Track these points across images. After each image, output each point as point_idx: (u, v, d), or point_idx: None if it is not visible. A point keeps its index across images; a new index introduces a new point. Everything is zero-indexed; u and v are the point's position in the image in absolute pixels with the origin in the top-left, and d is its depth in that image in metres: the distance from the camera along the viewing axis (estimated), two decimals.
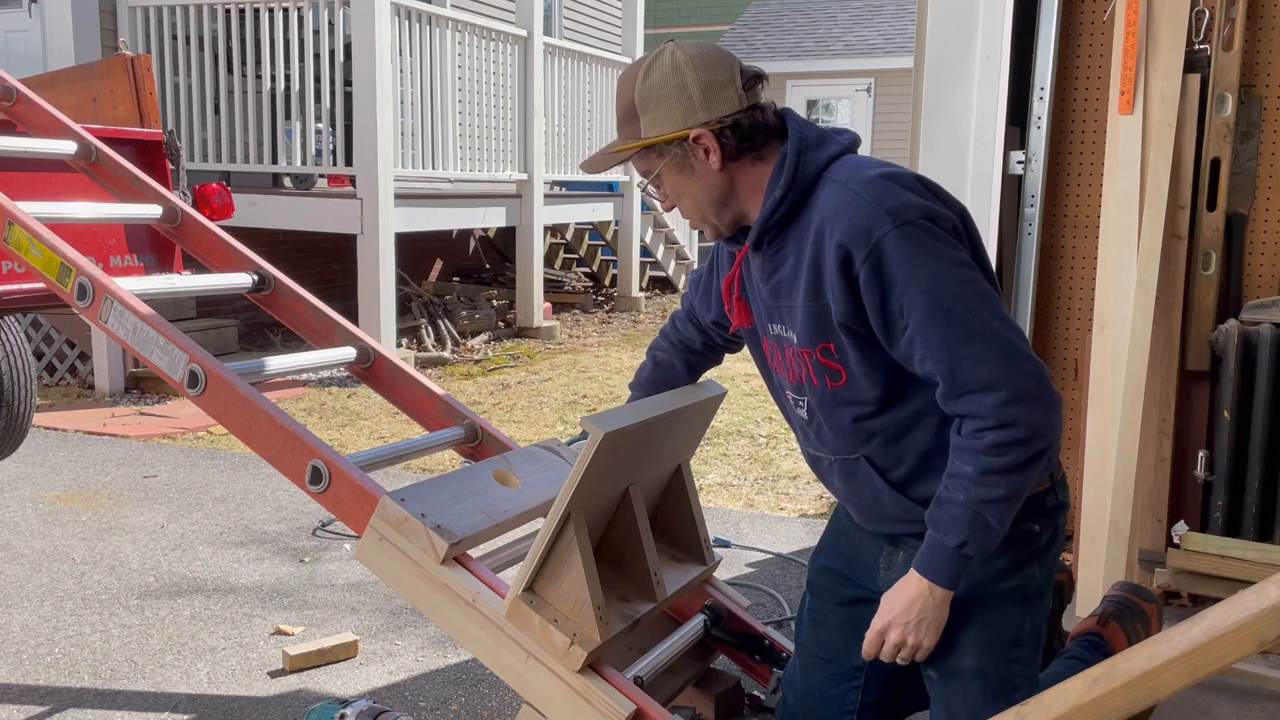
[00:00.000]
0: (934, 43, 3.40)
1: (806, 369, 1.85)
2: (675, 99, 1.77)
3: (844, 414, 1.85)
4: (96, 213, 3.08)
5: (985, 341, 1.66)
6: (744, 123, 1.78)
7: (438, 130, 7.77)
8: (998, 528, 1.69)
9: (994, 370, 1.65)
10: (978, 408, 1.67)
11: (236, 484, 4.73)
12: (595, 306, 11.23)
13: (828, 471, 1.98)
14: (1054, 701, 1.39)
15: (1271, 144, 3.24)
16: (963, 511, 1.68)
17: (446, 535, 2.10)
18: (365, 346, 2.85)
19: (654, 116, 1.79)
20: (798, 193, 1.78)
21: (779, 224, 1.80)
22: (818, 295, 1.77)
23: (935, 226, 1.70)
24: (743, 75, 1.79)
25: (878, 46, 16.94)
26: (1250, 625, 1.23)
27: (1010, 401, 1.64)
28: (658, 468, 2.34)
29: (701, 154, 1.80)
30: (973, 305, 1.67)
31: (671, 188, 1.86)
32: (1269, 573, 1.64)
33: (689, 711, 2.52)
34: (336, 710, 2.43)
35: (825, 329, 1.79)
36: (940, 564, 1.72)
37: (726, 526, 4.18)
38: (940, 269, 1.67)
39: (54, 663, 2.97)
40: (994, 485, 1.66)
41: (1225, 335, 3.13)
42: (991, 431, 1.66)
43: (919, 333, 1.68)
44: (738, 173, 1.82)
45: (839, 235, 1.70)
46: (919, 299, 1.66)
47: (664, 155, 1.81)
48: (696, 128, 1.77)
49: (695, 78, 1.76)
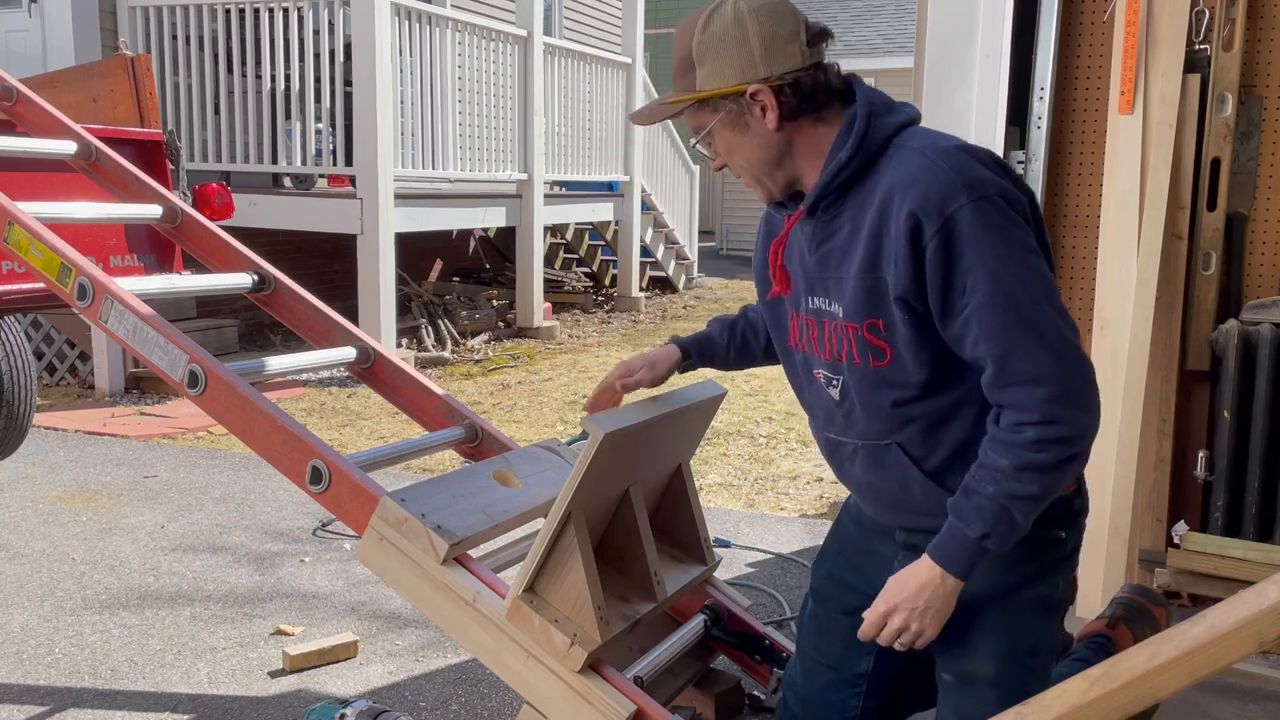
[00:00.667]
0: (934, 43, 3.40)
1: (849, 345, 1.76)
2: (734, 52, 1.68)
3: (884, 396, 1.76)
4: (96, 213, 3.08)
5: (1042, 333, 1.60)
6: (805, 81, 1.68)
7: (438, 130, 7.77)
8: (1022, 525, 1.65)
9: (1046, 364, 1.60)
10: (1024, 400, 1.61)
11: (236, 484, 4.73)
12: (595, 306, 11.23)
13: (849, 457, 1.88)
14: (1054, 701, 1.39)
15: (1271, 144, 3.24)
16: (990, 504, 1.63)
17: (447, 535, 2.10)
18: (365, 346, 2.85)
19: (710, 69, 1.70)
20: (865, 156, 1.69)
21: (840, 188, 1.71)
22: (874, 267, 1.69)
23: (1009, 207, 1.64)
24: (808, 31, 1.69)
25: (878, 46, 16.95)
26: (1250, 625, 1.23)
27: (1057, 398, 1.59)
28: (658, 468, 2.34)
29: (758, 111, 1.71)
30: (1036, 294, 1.62)
31: (724, 145, 1.77)
32: (1269, 573, 1.64)
33: (689, 711, 2.52)
34: (336, 710, 2.43)
35: (876, 304, 1.71)
36: (957, 553, 1.67)
37: (726, 526, 4.18)
38: (1009, 253, 1.61)
39: (54, 663, 2.97)
40: (1028, 482, 1.61)
41: (1225, 335, 3.13)
42: (1034, 427, 1.60)
43: (977, 314, 1.61)
44: (795, 133, 1.73)
45: (911, 204, 1.62)
46: (984, 280, 1.60)
47: (718, 110, 1.73)
48: (755, 83, 1.68)
49: (757, 30, 1.67)
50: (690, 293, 12.66)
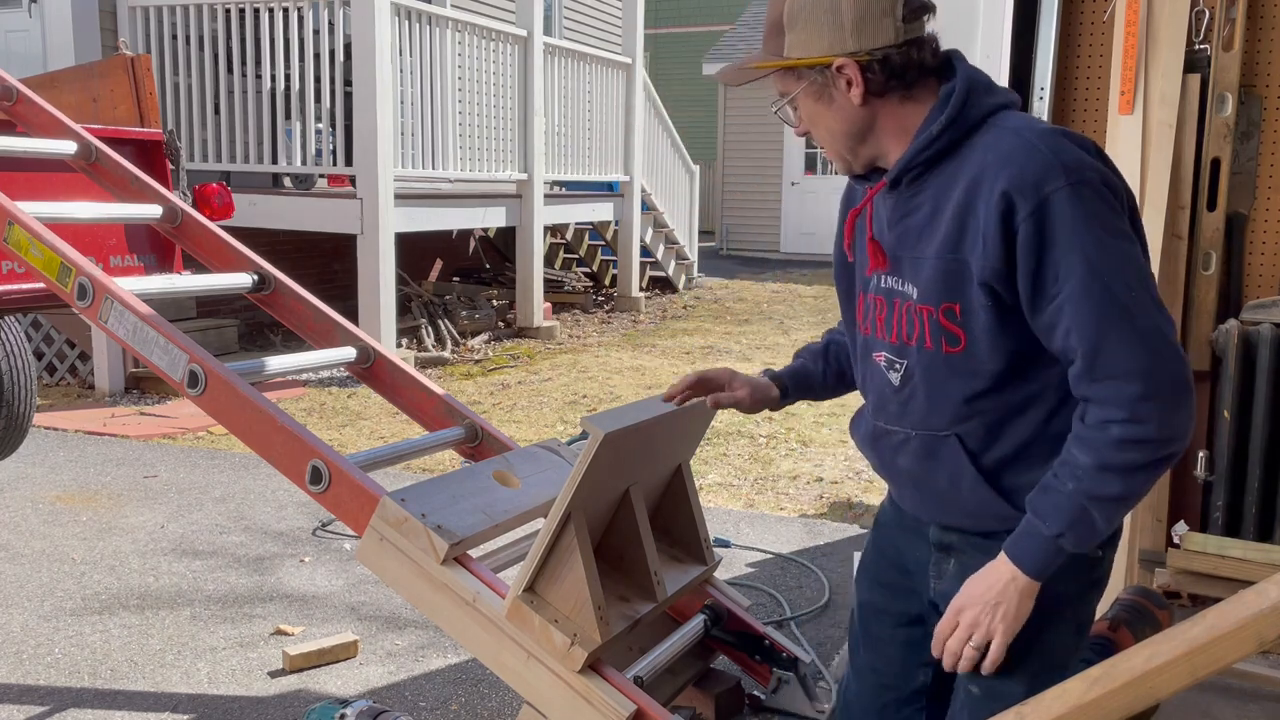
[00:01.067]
0: None
1: (921, 328, 1.68)
2: (825, 21, 1.62)
3: (952, 385, 1.68)
4: (96, 213, 3.08)
5: (1137, 327, 1.52)
6: (895, 58, 1.62)
7: (438, 130, 7.77)
8: (1101, 528, 1.57)
9: (1141, 360, 1.51)
10: (1113, 396, 1.53)
11: (236, 484, 4.73)
12: (595, 306, 11.23)
13: (897, 448, 1.78)
14: (1054, 701, 1.38)
15: (1271, 144, 3.24)
16: (1068, 502, 1.55)
17: (447, 535, 2.10)
18: (365, 346, 2.85)
19: (799, 36, 1.65)
20: (957, 132, 1.62)
21: (927, 163, 1.64)
22: (956, 249, 1.61)
23: (1109, 193, 1.56)
24: (906, 5, 1.62)
25: None
26: (1250, 625, 1.23)
27: (1149, 396, 1.51)
28: (658, 468, 2.34)
29: (843, 85, 1.64)
30: (1133, 284, 1.53)
31: (807, 114, 1.72)
32: (1269, 573, 1.64)
33: (689, 711, 2.53)
34: (336, 710, 2.43)
35: (955, 287, 1.62)
36: (1032, 551, 1.59)
37: (726, 526, 4.18)
38: (1106, 239, 1.53)
39: (54, 663, 2.97)
40: (1109, 482, 1.53)
41: (1225, 335, 3.13)
42: (1120, 425, 1.52)
43: (1070, 302, 1.53)
44: (881, 109, 1.66)
45: (1005, 183, 1.55)
46: (1078, 266, 1.52)
47: (802, 79, 1.67)
48: (841, 56, 1.62)
49: (850, 2, 1.61)
50: (690, 293, 12.66)
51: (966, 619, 1.64)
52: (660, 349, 8.84)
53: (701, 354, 8.60)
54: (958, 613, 1.65)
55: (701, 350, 8.78)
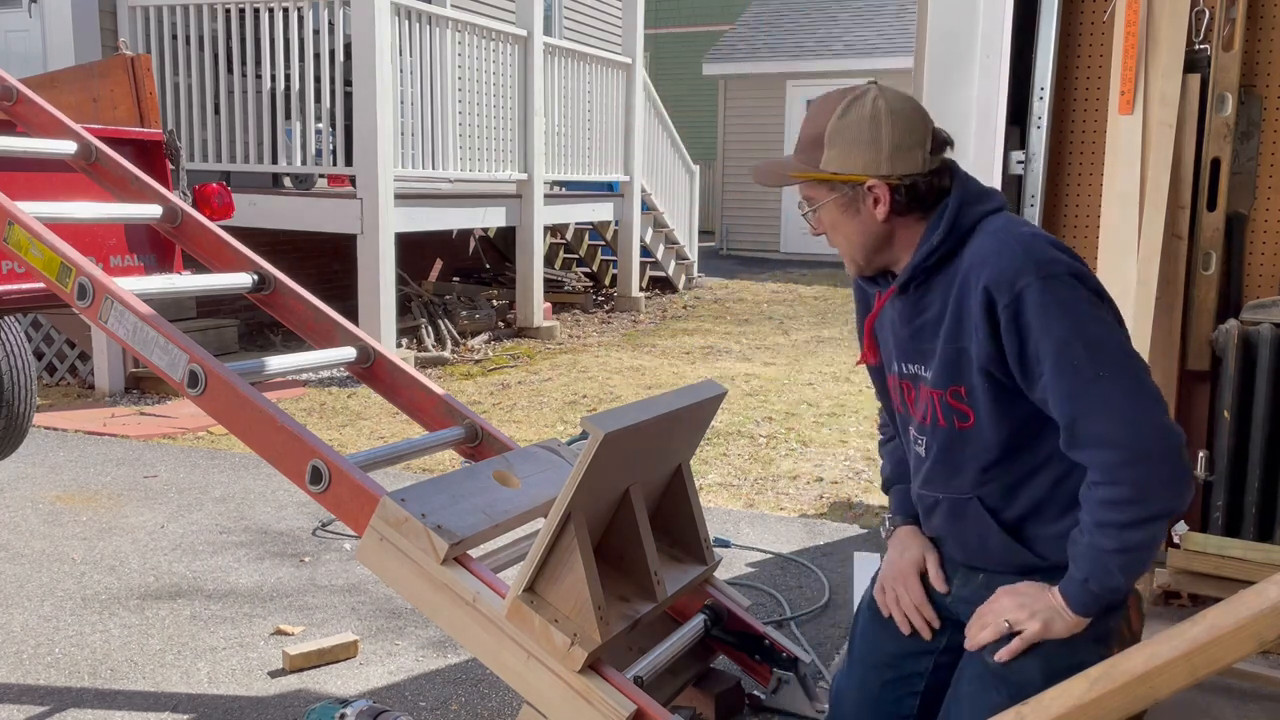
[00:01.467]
0: (934, 42, 3.39)
1: (934, 409, 1.90)
2: (864, 145, 1.82)
3: (967, 456, 1.89)
4: (96, 213, 3.08)
5: (1109, 404, 1.70)
6: (921, 186, 1.83)
7: (438, 130, 7.77)
8: (1118, 574, 1.73)
9: (1113, 428, 1.69)
10: (1092, 461, 1.72)
11: (236, 484, 4.73)
12: (595, 306, 11.23)
13: (931, 509, 2.00)
14: (1054, 701, 1.39)
15: (1271, 144, 3.24)
16: (1084, 552, 1.74)
17: (447, 535, 2.10)
18: (365, 346, 2.85)
19: (838, 153, 1.84)
20: (952, 242, 1.83)
21: (928, 270, 1.86)
22: (957, 338, 1.82)
23: (1078, 283, 1.75)
24: (933, 139, 1.85)
25: (878, 46, 16.94)
26: (1250, 625, 1.23)
27: (1125, 462, 1.69)
28: (658, 468, 2.34)
29: (871, 202, 1.85)
30: (1104, 361, 1.71)
31: (829, 222, 1.91)
32: (1269, 573, 1.64)
33: (689, 711, 2.53)
34: (336, 710, 2.43)
35: (959, 372, 1.84)
36: (1070, 591, 1.77)
37: (726, 526, 4.18)
38: (1075, 329, 1.72)
39: (54, 663, 2.97)
40: (1108, 537, 1.71)
41: (1225, 335, 3.13)
42: (1102, 487, 1.71)
43: (1050, 381, 1.73)
44: (900, 226, 1.87)
45: (985, 280, 1.76)
46: (1050, 349, 1.71)
47: (834, 191, 1.86)
48: (875, 178, 1.82)
49: (889, 133, 1.81)
50: (690, 293, 12.66)
51: (1007, 603, 1.82)
52: (660, 349, 8.84)
53: (701, 354, 8.60)
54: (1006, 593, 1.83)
55: (701, 350, 8.78)
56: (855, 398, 6.86)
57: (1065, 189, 3.44)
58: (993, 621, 1.83)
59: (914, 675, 2.05)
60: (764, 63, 17.24)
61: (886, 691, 2.06)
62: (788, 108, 16.99)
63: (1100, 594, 1.75)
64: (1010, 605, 1.81)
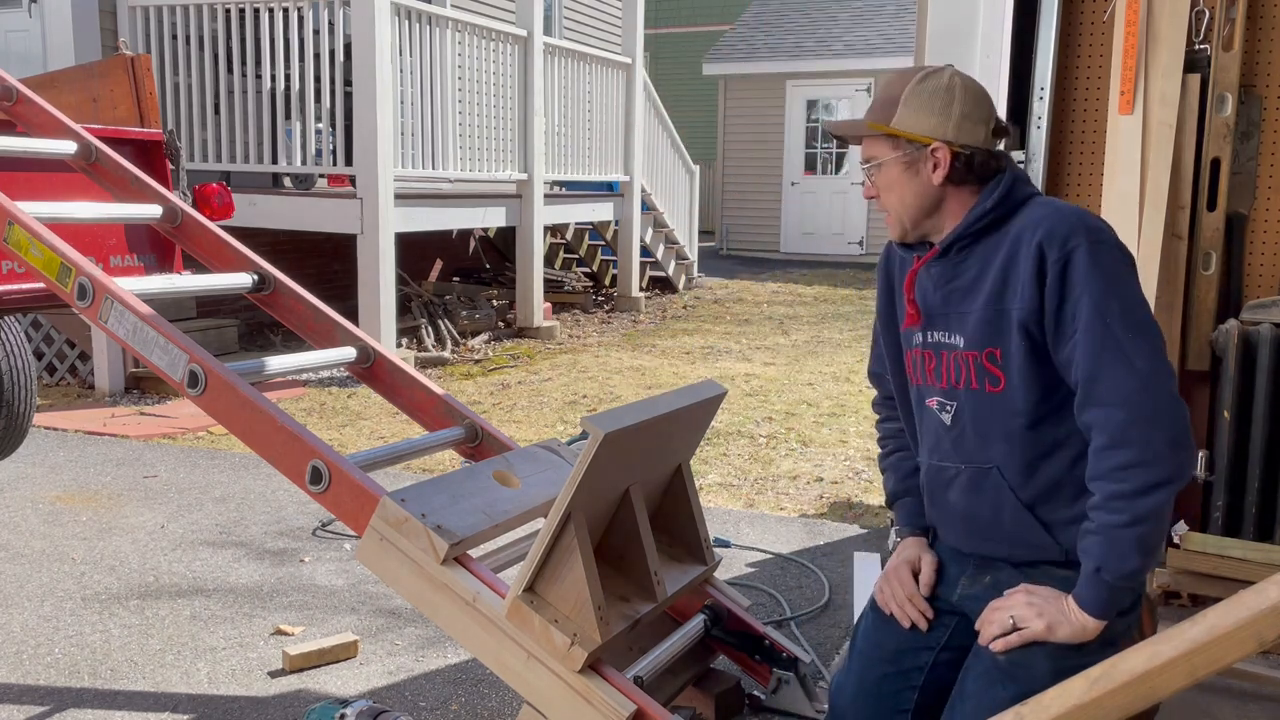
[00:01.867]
0: (934, 43, 3.39)
1: (967, 372, 1.96)
2: (937, 110, 1.92)
3: (994, 422, 1.94)
4: (96, 213, 3.08)
5: (1133, 365, 1.77)
6: (979, 158, 1.94)
7: (438, 130, 7.77)
8: (1132, 553, 1.76)
9: (1129, 388, 1.76)
10: (1104, 421, 1.77)
11: (236, 484, 4.73)
12: (595, 306, 11.23)
13: (949, 482, 2.03)
14: (1054, 701, 1.38)
15: (1271, 144, 3.24)
16: (1095, 537, 1.78)
17: (447, 535, 2.11)
18: (365, 346, 2.85)
19: (910, 112, 1.93)
20: (1003, 210, 1.93)
21: (976, 234, 1.94)
22: (999, 300, 1.90)
23: (1122, 254, 1.86)
24: (996, 122, 1.97)
25: (878, 46, 16.94)
26: (1250, 625, 1.23)
27: (1134, 422, 1.74)
28: (658, 467, 2.34)
29: (931, 165, 1.94)
30: (1133, 331, 1.78)
31: (886, 181, 1.98)
32: (1269, 573, 1.64)
33: (689, 711, 2.53)
34: (336, 710, 2.43)
35: (997, 334, 1.90)
36: (1083, 592, 1.80)
37: (726, 526, 4.18)
38: (1114, 289, 1.80)
39: (54, 663, 2.97)
40: (1119, 511, 1.75)
41: (1225, 335, 3.13)
42: (1110, 452, 1.76)
43: (1080, 339, 1.80)
44: (951, 194, 1.96)
45: (1040, 237, 1.85)
46: (1087, 308, 1.79)
47: (899, 149, 1.95)
48: (940, 141, 1.92)
49: (961, 102, 1.93)
50: (690, 293, 12.66)
51: (1020, 599, 1.86)
52: (660, 349, 8.84)
53: (702, 354, 8.60)
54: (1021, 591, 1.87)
55: (701, 350, 8.79)
56: (855, 398, 6.86)
57: (1065, 189, 3.44)
58: (999, 617, 1.86)
59: (913, 670, 2.07)
60: (764, 63, 17.24)
61: (885, 685, 2.08)
62: (788, 108, 16.99)
63: (1113, 584, 1.77)
64: (1021, 602, 1.85)
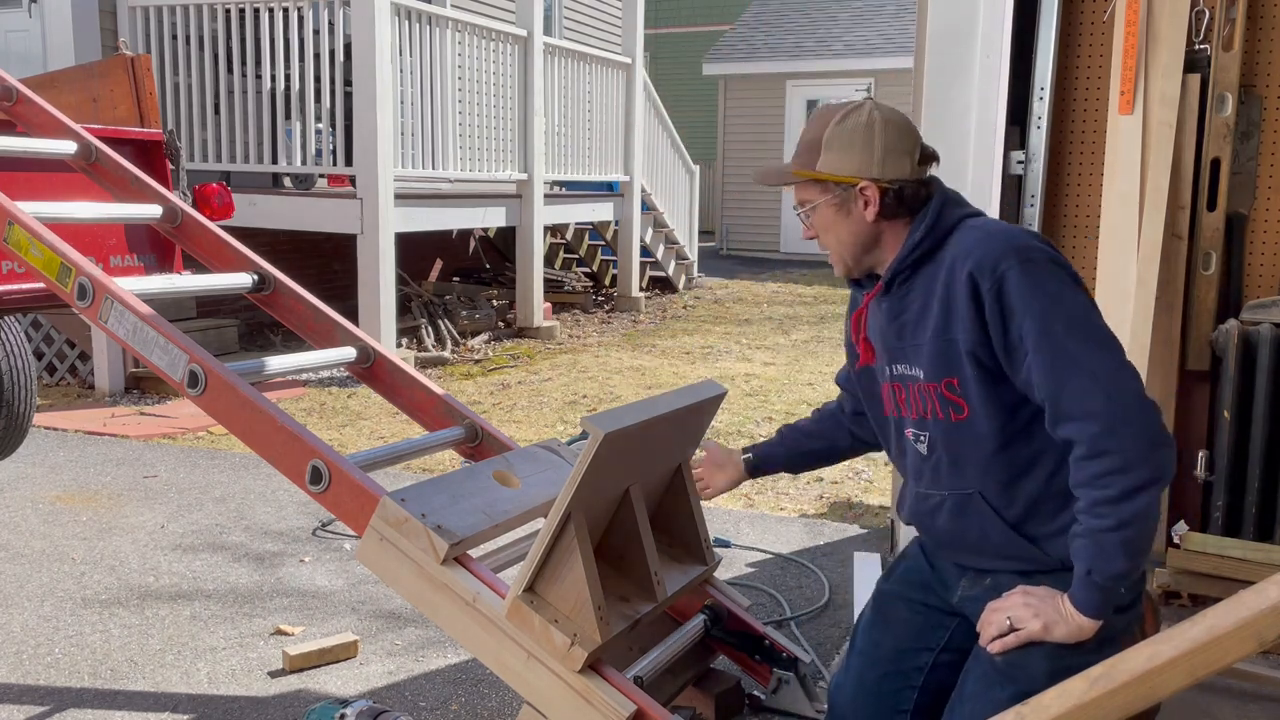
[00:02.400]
0: (934, 42, 3.40)
1: (932, 403, 1.96)
2: (859, 149, 1.93)
3: (966, 449, 1.94)
4: (96, 213, 3.08)
5: (1090, 373, 1.76)
6: (908, 191, 1.94)
7: (438, 130, 7.77)
8: (1119, 556, 1.75)
9: (1094, 400, 1.75)
10: (1077, 434, 1.76)
11: (236, 484, 4.73)
12: (595, 306, 11.23)
13: (935, 509, 2.03)
14: (1054, 702, 1.38)
15: (1271, 144, 3.24)
16: (1083, 541, 1.77)
17: (447, 535, 2.10)
18: (365, 346, 2.85)
19: (834, 156, 1.95)
20: (935, 238, 1.93)
21: (913, 265, 1.95)
22: (946, 330, 1.89)
23: (1057, 267, 1.84)
24: (921, 151, 1.97)
25: (878, 46, 16.94)
26: (1250, 625, 1.22)
27: (1107, 431, 1.73)
28: (658, 467, 2.34)
29: (861, 203, 1.95)
30: (1082, 337, 1.78)
31: (822, 223, 2.01)
32: (1269, 573, 1.64)
33: (689, 711, 2.52)
34: (336, 710, 2.43)
35: (950, 363, 1.90)
36: (1076, 593, 1.80)
37: (726, 526, 4.18)
38: (1055, 306, 1.79)
39: (54, 663, 2.97)
40: (1103, 516, 1.74)
41: (1225, 335, 3.13)
42: (1089, 463, 1.75)
43: (1032, 360, 1.80)
44: (886, 228, 1.97)
45: (969, 266, 1.85)
46: (1033, 329, 1.79)
47: (828, 192, 1.97)
48: (867, 180, 1.93)
49: (882, 138, 1.93)
50: (690, 293, 12.66)
51: (1018, 600, 1.86)
52: (660, 349, 8.84)
53: (702, 354, 8.60)
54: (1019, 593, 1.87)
55: (701, 350, 8.78)
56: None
57: (1065, 189, 3.44)
58: (997, 619, 1.86)
59: (913, 670, 2.08)
60: (764, 63, 17.24)
61: (884, 685, 2.09)
62: (788, 108, 16.99)
63: (1104, 585, 1.77)
64: (1018, 603, 1.85)
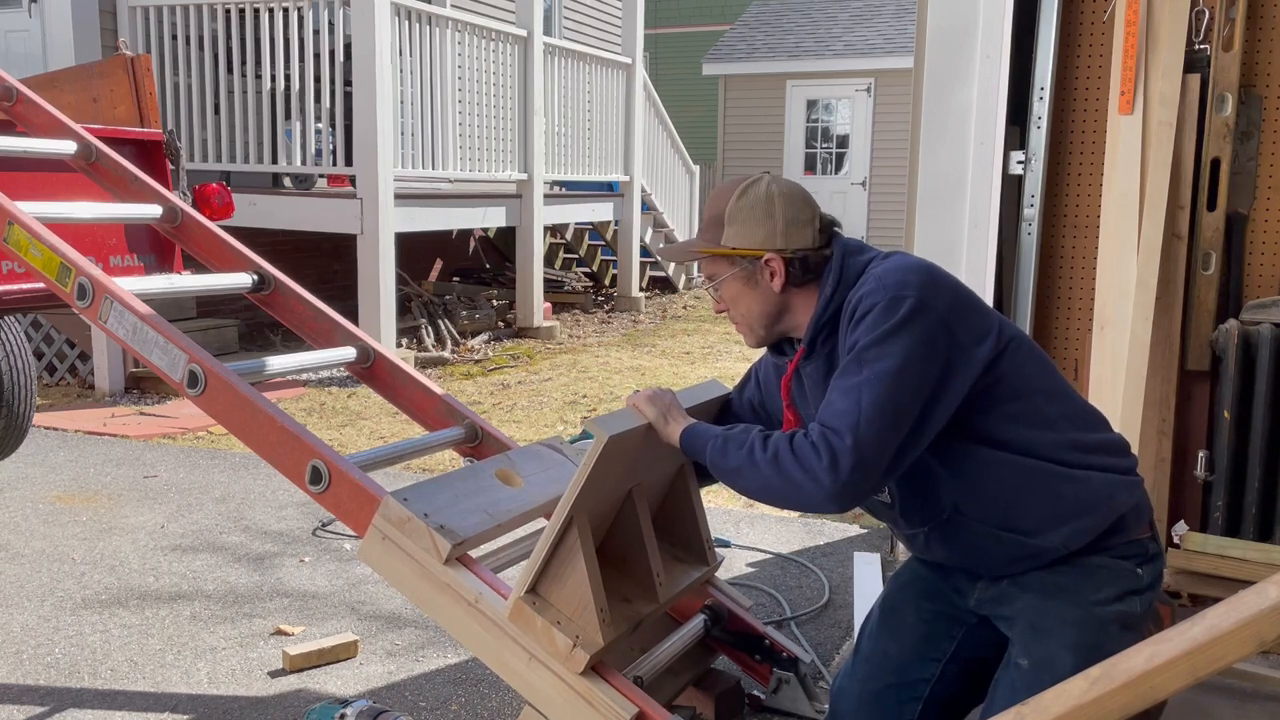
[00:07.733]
0: (934, 43, 3.40)
1: None
2: (761, 222, 1.98)
3: (918, 484, 1.94)
4: (96, 213, 3.08)
5: (858, 400, 1.78)
6: (812, 259, 1.98)
7: (438, 130, 7.77)
8: (724, 459, 1.93)
9: (849, 423, 1.78)
10: (814, 432, 1.82)
11: (236, 484, 4.73)
12: (595, 306, 11.23)
13: (926, 543, 2.03)
14: (1054, 701, 1.38)
15: (1271, 144, 3.24)
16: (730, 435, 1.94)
17: (449, 535, 2.10)
18: (365, 346, 2.85)
19: (737, 230, 1.99)
20: (843, 291, 1.95)
21: (829, 323, 1.96)
22: None
23: (916, 313, 1.82)
24: (820, 220, 2.02)
25: (878, 46, 16.93)
26: (1250, 625, 1.22)
27: (831, 448, 1.77)
28: (660, 469, 2.34)
29: (768, 275, 1.99)
30: (879, 377, 1.79)
31: (730, 295, 2.04)
32: (1269, 573, 1.64)
33: (689, 711, 2.53)
34: (336, 710, 2.43)
35: None
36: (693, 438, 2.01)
37: (727, 526, 4.18)
38: (880, 347, 1.80)
39: (54, 663, 2.97)
40: (766, 453, 1.86)
41: (1225, 335, 3.13)
42: (802, 437, 1.82)
43: (836, 376, 1.86)
44: (794, 296, 2.01)
45: (852, 304, 1.89)
46: (854, 352, 1.83)
47: (734, 266, 2.01)
48: (771, 251, 1.97)
49: (782, 210, 1.98)
50: (690, 293, 12.66)
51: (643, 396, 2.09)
52: (660, 349, 8.84)
53: (702, 354, 8.60)
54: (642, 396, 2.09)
55: (702, 350, 8.78)
56: None
57: (1065, 189, 3.44)
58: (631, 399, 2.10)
59: (918, 682, 2.05)
60: (764, 63, 17.24)
61: (888, 695, 2.06)
62: (788, 108, 16.99)
63: (690, 448, 2.01)
64: (644, 399, 2.07)
